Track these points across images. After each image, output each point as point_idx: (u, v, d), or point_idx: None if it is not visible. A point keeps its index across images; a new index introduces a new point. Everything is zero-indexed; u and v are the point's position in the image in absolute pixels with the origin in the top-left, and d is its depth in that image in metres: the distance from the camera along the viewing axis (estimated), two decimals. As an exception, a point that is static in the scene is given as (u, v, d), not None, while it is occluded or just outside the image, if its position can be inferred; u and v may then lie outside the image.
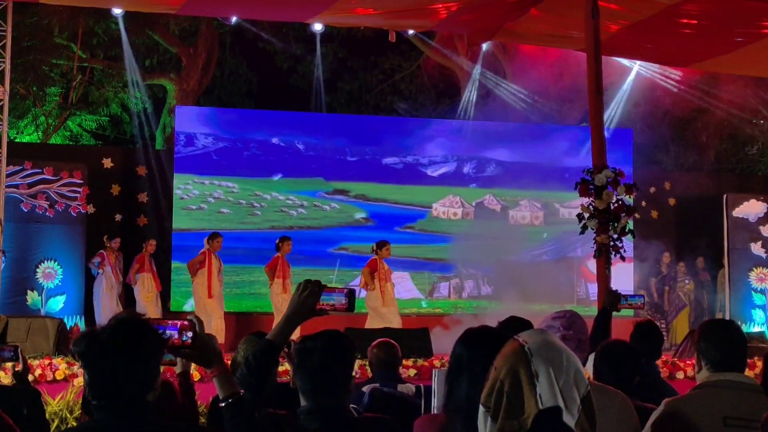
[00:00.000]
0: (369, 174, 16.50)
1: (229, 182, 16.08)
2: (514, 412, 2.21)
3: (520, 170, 16.75)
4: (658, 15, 9.25)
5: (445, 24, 10.03)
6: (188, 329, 2.97)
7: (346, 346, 3.46)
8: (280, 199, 16.25)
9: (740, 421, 3.70)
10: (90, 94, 18.82)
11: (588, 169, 7.51)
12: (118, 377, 2.78)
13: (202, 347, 2.99)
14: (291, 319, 3.36)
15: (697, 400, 3.79)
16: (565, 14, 9.12)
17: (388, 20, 10.26)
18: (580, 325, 3.72)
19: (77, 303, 14.21)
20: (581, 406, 2.24)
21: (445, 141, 16.89)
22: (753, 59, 10.99)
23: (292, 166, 16.26)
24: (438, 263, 16.65)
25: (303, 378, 3.38)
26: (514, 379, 2.25)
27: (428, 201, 16.74)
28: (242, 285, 15.74)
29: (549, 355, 2.26)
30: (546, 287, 14.64)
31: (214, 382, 3.06)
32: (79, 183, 14.43)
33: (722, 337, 3.94)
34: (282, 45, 19.09)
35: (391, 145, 16.63)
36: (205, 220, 15.84)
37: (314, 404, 3.35)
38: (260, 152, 16.15)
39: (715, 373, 3.86)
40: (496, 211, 16.98)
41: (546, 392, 2.21)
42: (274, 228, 15.82)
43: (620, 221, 7.36)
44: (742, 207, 16.54)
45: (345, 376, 3.42)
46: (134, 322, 2.86)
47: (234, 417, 3.01)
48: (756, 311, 16.21)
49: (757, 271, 16.37)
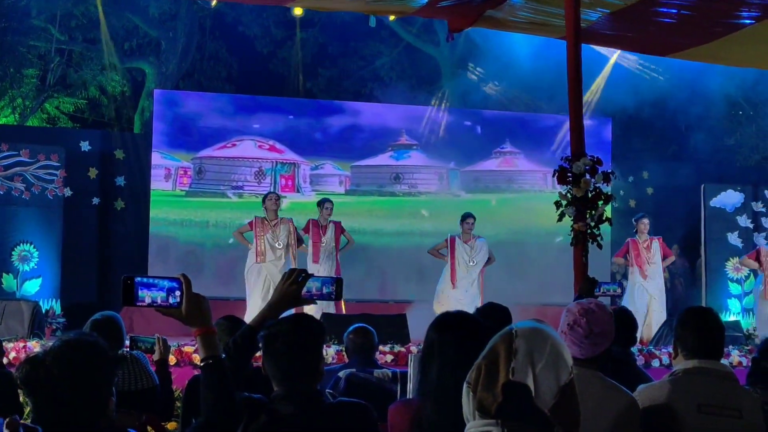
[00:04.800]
0: (346, 158, 16.46)
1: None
2: (489, 383, 2.23)
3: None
4: (638, 4, 9.25)
5: (425, 10, 9.98)
6: (177, 289, 2.94)
7: (312, 330, 3.44)
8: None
9: (714, 408, 3.71)
10: (68, 76, 18.71)
11: (566, 157, 7.51)
12: (65, 405, 2.69)
13: (189, 307, 2.96)
14: (274, 307, 3.35)
15: (672, 387, 3.80)
16: (545, 2, 9.10)
17: (368, 5, 10.21)
18: (598, 317, 3.65)
19: (53, 286, 14.14)
20: (560, 393, 2.24)
21: (421, 127, 16.82)
22: (731, 50, 11.01)
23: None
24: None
25: (270, 363, 3.37)
26: (493, 354, 2.28)
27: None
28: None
29: (533, 339, 2.29)
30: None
31: (197, 342, 3.03)
32: (56, 166, 14.34)
33: (699, 324, 3.95)
34: (262, 29, 19.02)
35: (371, 131, 16.56)
36: (182, 205, 15.79)
37: (286, 389, 3.33)
38: (240, 136, 16.07)
39: (691, 360, 3.87)
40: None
41: (520, 368, 2.23)
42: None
43: (597, 209, 7.37)
44: (719, 197, 16.62)
45: (313, 359, 3.40)
46: (82, 344, 2.77)
47: (210, 378, 2.98)
48: (732, 301, 16.30)
49: (733, 261, 16.45)
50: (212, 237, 15.81)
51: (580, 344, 3.62)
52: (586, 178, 7.44)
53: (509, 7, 9.38)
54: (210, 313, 3.05)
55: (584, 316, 3.64)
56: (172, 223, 15.52)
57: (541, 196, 15.98)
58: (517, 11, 9.57)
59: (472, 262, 13.04)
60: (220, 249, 15.64)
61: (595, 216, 7.43)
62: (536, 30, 10.58)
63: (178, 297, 2.94)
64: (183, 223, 15.71)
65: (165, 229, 15.43)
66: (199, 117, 15.90)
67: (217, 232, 15.79)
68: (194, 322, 2.98)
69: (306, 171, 16.28)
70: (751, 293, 16.20)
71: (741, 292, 16.35)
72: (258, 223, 12.33)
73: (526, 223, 15.67)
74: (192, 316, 2.97)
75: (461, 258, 13.06)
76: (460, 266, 13.06)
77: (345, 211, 14.24)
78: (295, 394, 3.33)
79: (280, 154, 16.22)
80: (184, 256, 15.44)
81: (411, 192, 16.75)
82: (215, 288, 14.71)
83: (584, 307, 3.67)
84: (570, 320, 3.67)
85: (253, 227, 12.37)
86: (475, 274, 13.10)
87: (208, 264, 15.55)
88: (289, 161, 16.22)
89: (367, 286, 15.19)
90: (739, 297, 16.32)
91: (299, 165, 16.25)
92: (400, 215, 16.45)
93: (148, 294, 2.90)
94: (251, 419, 3.22)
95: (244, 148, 16.13)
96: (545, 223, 7.59)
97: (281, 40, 19.30)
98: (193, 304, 2.96)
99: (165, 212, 15.56)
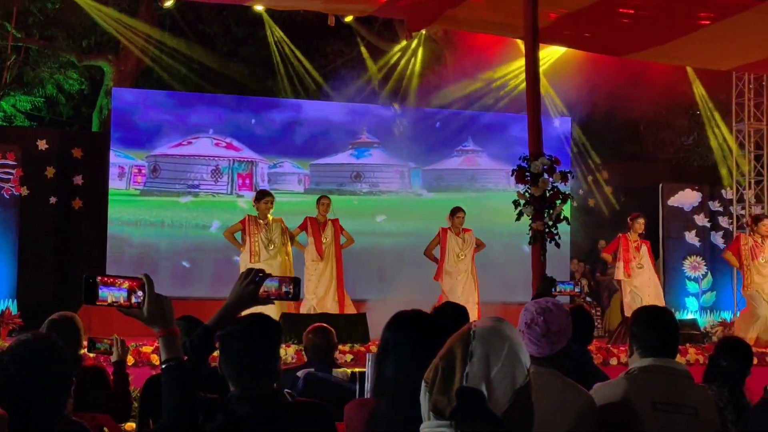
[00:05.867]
0: (306, 156, 16.39)
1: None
2: (445, 387, 2.23)
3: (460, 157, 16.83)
4: (596, 4, 9.33)
5: (385, 9, 10.02)
6: (139, 289, 2.92)
7: (269, 329, 3.42)
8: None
9: (669, 406, 3.74)
10: (25, 74, 18.49)
11: (524, 157, 7.57)
12: (22, 405, 2.67)
13: (151, 308, 2.94)
14: (231, 307, 3.33)
15: (627, 385, 3.83)
16: (504, 1, 9.16)
17: (327, 4, 10.22)
18: (555, 316, 3.69)
19: (10, 286, 13.97)
20: (515, 397, 2.25)
21: (382, 126, 16.79)
22: (689, 50, 11.13)
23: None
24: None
25: (227, 363, 3.35)
26: (450, 355, 2.28)
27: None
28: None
29: (490, 340, 2.28)
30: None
31: (159, 343, 3.01)
32: (13, 164, 14.19)
33: (654, 323, 3.99)
34: (222, 28, 18.91)
35: (331, 130, 16.49)
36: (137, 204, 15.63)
37: (243, 389, 3.32)
38: (199, 135, 15.95)
39: (646, 359, 3.90)
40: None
41: (475, 372, 2.22)
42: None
43: (555, 208, 7.43)
44: (677, 196, 16.79)
45: (269, 359, 3.38)
46: (39, 344, 2.74)
47: (171, 380, 2.96)
48: (690, 299, 16.46)
49: (691, 259, 16.62)
50: (167, 237, 15.62)
51: (538, 342, 3.65)
52: (544, 177, 7.49)
53: (468, 6, 9.42)
54: (173, 314, 3.04)
55: (541, 315, 3.67)
56: (126, 223, 15.29)
57: (505, 195, 16.02)
58: (475, 11, 9.62)
59: (462, 255, 13.04)
60: (175, 249, 15.51)
61: (553, 215, 7.49)
62: (495, 29, 10.66)
63: (140, 297, 2.92)
64: (137, 223, 15.48)
65: (119, 229, 15.20)
66: (157, 115, 15.74)
67: (173, 232, 15.62)
68: (156, 322, 2.97)
69: (264, 169, 16.16)
70: (708, 291, 16.41)
71: (699, 291, 16.52)
72: (251, 222, 12.20)
73: (489, 222, 15.69)
74: (154, 317, 2.96)
75: (451, 251, 13.05)
76: (450, 257, 13.03)
77: (304, 210, 14.17)
78: (252, 395, 3.31)
79: (238, 152, 16.05)
80: (138, 257, 15.22)
81: (372, 191, 16.72)
82: (171, 288, 14.61)
83: (541, 306, 3.71)
84: (527, 319, 3.70)
85: (246, 226, 12.24)
86: (463, 266, 13.07)
87: (164, 265, 15.38)
88: (247, 159, 16.09)
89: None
90: (697, 295, 16.48)
91: (257, 163, 16.13)
92: (360, 214, 16.40)
93: (110, 294, 2.88)
94: (207, 420, 3.20)
95: (201, 146, 15.95)
96: (508, 222, 7.62)
97: (242, 38, 19.21)
98: (155, 304, 2.95)
99: (118, 212, 15.31)
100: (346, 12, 12.33)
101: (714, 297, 16.50)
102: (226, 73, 18.86)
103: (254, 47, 18.81)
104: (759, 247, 12.64)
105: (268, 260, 12.01)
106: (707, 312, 16.18)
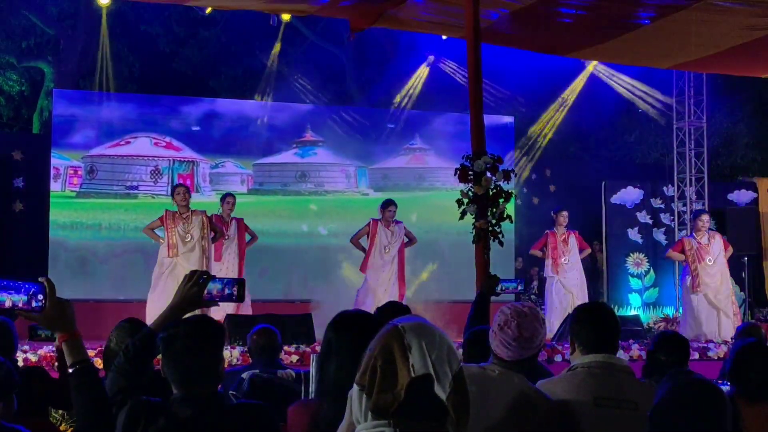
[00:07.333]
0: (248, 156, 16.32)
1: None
2: (388, 384, 2.24)
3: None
4: (537, 4, 9.40)
5: (326, 9, 10.00)
6: (39, 293, 2.89)
7: (210, 331, 3.40)
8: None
9: (611, 401, 3.79)
10: (-37, 75, 18.26)
11: (467, 156, 7.60)
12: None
13: (52, 312, 2.92)
14: (175, 310, 3.32)
15: (569, 381, 3.87)
16: (445, 1, 9.20)
17: (267, 4, 10.17)
18: (529, 322, 3.73)
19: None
20: (453, 382, 2.27)
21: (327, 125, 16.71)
22: (629, 48, 11.25)
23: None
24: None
25: (169, 366, 3.32)
26: (387, 354, 2.28)
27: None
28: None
29: (421, 332, 2.31)
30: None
31: (63, 348, 2.99)
32: (-49, 167, 13.99)
33: (594, 319, 4.04)
34: (164, 28, 18.76)
35: (274, 129, 16.39)
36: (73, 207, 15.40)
37: (185, 392, 3.30)
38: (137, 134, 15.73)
39: (588, 355, 3.95)
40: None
41: (418, 362, 2.25)
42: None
43: (498, 207, 7.47)
44: (619, 193, 16.95)
45: (212, 361, 3.35)
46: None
47: (80, 384, 2.95)
48: (632, 295, 16.63)
49: (633, 256, 16.79)
50: (105, 240, 15.36)
51: (508, 346, 3.72)
52: (487, 176, 7.53)
53: (410, 6, 9.45)
54: (74, 319, 3.04)
55: (515, 319, 3.75)
56: (62, 226, 15.05)
57: (452, 194, 16.01)
58: (417, 10, 9.64)
59: (390, 247, 13.03)
60: (113, 252, 15.26)
61: (496, 214, 7.53)
62: (437, 29, 10.69)
63: (41, 301, 2.89)
64: (74, 226, 15.22)
65: (55, 232, 14.94)
66: (97, 116, 15.56)
67: (110, 234, 15.37)
68: (57, 327, 2.96)
69: (205, 169, 15.98)
70: (651, 287, 16.58)
71: (641, 287, 16.69)
72: (168, 217, 11.99)
73: (437, 221, 15.70)
74: (55, 321, 2.95)
75: (379, 242, 13.02)
76: (377, 249, 13.01)
77: (248, 210, 14.08)
78: (194, 397, 3.28)
79: (178, 151, 15.83)
80: (74, 261, 15.03)
81: (317, 191, 16.66)
82: (110, 292, 14.46)
83: (517, 309, 3.79)
84: (501, 321, 3.77)
85: (164, 221, 12.03)
86: (389, 257, 13.06)
87: (101, 268, 15.15)
88: (187, 159, 15.89)
89: (272, 286, 15.03)
90: (640, 291, 16.66)
91: (198, 163, 15.93)
92: (305, 215, 16.35)
93: (9, 297, 2.85)
94: (149, 423, 3.18)
95: (139, 146, 15.68)
96: (456, 221, 7.65)
97: (184, 38, 19.06)
98: (56, 309, 2.93)
99: (54, 214, 15.05)
100: (287, 12, 12.28)
101: (656, 293, 16.68)
102: (169, 74, 18.72)
103: (196, 47, 18.68)
104: (704, 249, 12.76)
105: (186, 254, 11.80)
106: (650, 308, 16.35)
